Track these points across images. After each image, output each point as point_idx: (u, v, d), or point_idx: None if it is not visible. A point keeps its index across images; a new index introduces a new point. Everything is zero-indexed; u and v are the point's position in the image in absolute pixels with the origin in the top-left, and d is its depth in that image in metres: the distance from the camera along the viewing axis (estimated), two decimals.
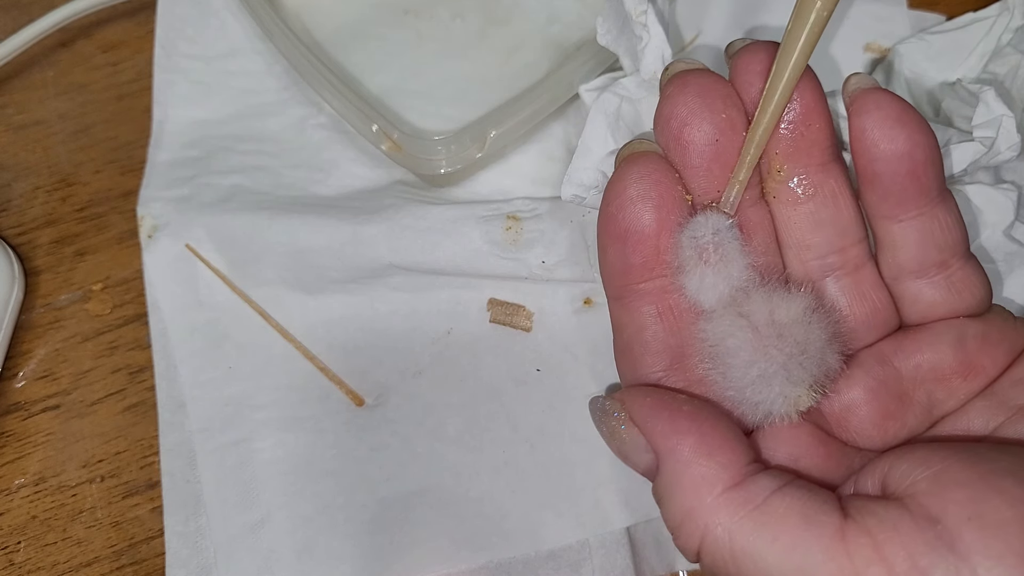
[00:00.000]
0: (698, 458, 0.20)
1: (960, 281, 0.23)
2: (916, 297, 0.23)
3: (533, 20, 0.37)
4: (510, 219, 0.31)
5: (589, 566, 0.28)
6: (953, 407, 0.23)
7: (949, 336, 0.23)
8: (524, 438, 0.29)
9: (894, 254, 0.23)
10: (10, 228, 0.34)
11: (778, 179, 0.23)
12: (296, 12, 0.37)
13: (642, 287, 0.22)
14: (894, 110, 0.22)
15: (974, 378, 0.22)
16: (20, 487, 0.30)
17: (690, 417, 0.21)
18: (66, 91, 0.37)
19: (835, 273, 0.23)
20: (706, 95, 0.22)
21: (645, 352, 0.22)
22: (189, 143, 0.35)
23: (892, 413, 0.23)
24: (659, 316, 0.22)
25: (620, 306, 0.23)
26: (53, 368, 0.32)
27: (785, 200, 0.23)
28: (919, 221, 0.22)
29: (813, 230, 0.23)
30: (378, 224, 0.32)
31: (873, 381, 0.23)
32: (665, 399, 0.21)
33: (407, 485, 0.29)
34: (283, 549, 0.28)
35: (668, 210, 0.22)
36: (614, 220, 0.22)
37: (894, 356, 0.23)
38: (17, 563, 0.29)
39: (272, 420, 0.30)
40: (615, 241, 0.22)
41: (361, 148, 0.35)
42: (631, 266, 0.22)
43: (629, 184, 0.22)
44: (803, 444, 0.22)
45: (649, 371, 0.22)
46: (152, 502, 0.30)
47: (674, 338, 0.22)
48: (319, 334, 0.31)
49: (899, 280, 0.23)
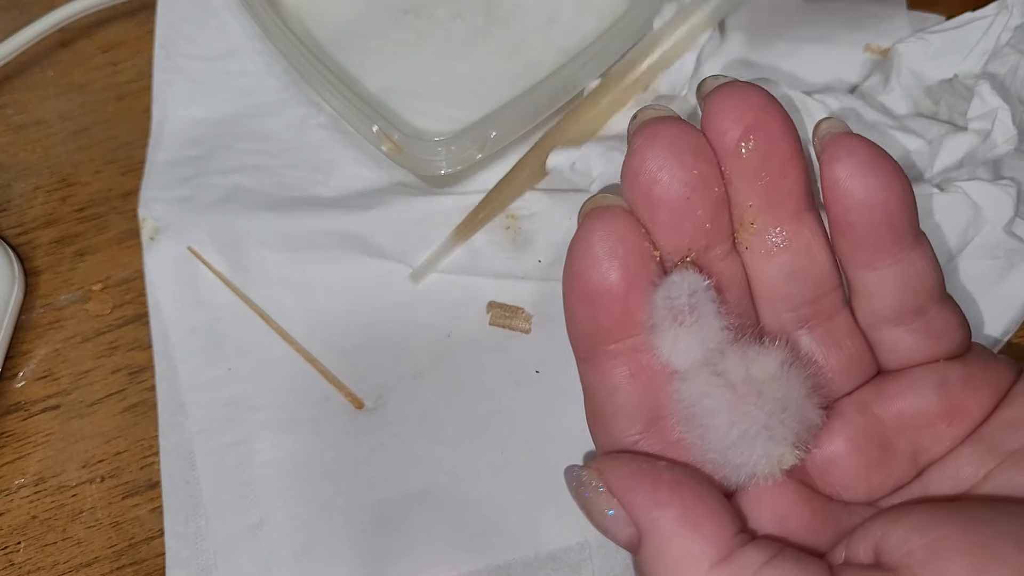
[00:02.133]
0: (682, 531, 0.19)
1: (939, 325, 0.22)
2: (894, 345, 0.22)
3: (533, 20, 0.37)
4: (509, 218, 0.31)
5: (589, 567, 0.28)
6: (940, 453, 0.22)
7: (930, 380, 0.22)
8: (523, 439, 0.30)
9: (870, 302, 0.22)
10: (10, 228, 0.34)
11: (751, 231, 0.22)
12: (296, 12, 0.37)
13: (612, 348, 0.21)
14: (867, 156, 0.21)
15: (959, 423, 0.22)
16: (20, 487, 0.30)
17: (671, 487, 0.20)
18: (66, 91, 0.37)
19: (809, 324, 0.22)
20: (676, 148, 0.21)
21: (619, 415, 0.21)
22: (189, 142, 0.35)
23: (876, 463, 0.22)
24: (632, 377, 0.21)
25: (590, 368, 0.22)
26: (53, 368, 0.32)
27: (758, 252, 0.22)
28: (895, 268, 0.22)
29: (786, 282, 0.22)
30: (379, 227, 0.32)
31: (854, 431, 0.22)
32: (644, 468, 0.20)
33: (406, 487, 0.29)
34: (282, 551, 0.28)
35: (636, 267, 0.21)
36: (579, 280, 0.21)
37: (874, 403, 0.22)
38: (17, 563, 0.29)
39: (272, 422, 0.30)
40: (583, 302, 0.21)
41: (361, 148, 0.35)
42: (600, 327, 0.21)
43: (594, 242, 0.21)
44: (788, 502, 0.21)
45: (624, 435, 0.21)
46: (152, 502, 0.30)
47: (648, 399, 0.21)
48: (319, 336, 0.31)
49: (876, 328, 0.23)
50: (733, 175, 0.21)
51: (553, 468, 0.29)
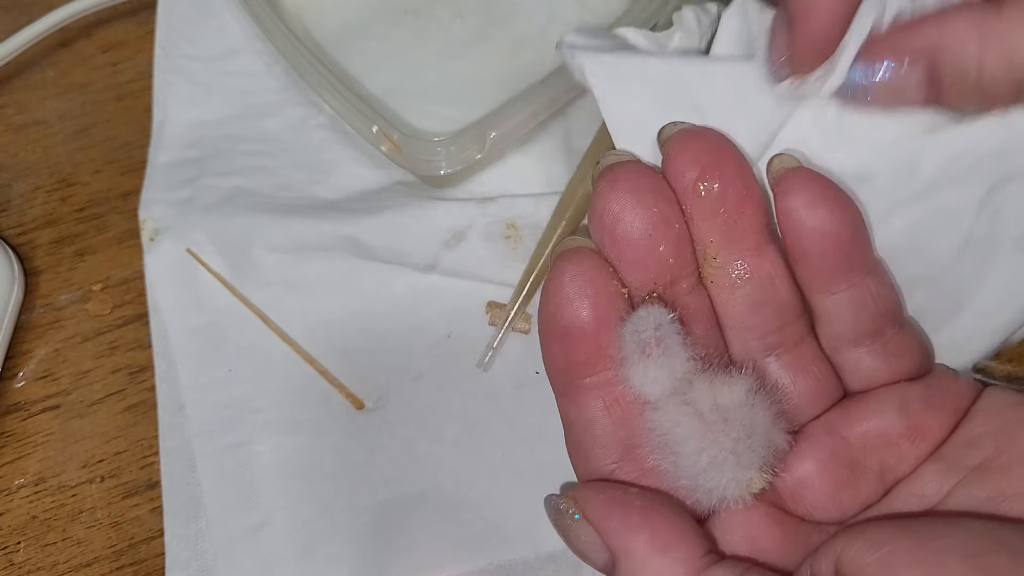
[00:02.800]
0: (653, 555, 0.20)
1: (896, 347, 0.23)
2: (855, 366, 0.24)
3: (533, 21, 0.37)
4: (509, 227, 0.31)
5: (589, 568, 0.28)
6: (905, 471, 0.23)
7: (892, 401, 0.23)
8: (523, 440, 0.30)
9: (830, 326, 0.23)
10: (10, 228, 0.34)
11: (714, 265, 0.23)
12: (296, 12, 0.37)
13: (587, 382, 0.22)
14: (818, 189, 0.22)
15: (921, 441, 0.23)
16: (20, 487, 0.30)
17: (642, 513, 0.21)
18: (66, 91, 0.37)
19: (776, 351, 0.23)
20: (637, 189, 0.22)
21: (595, 446, 0.22)
22: (189, 144, 0.35)
23: (845, 483, 0.22)
24: (606, 409, 0.22)
25: (567, 402, 0.23)
26: (53, 368, 0.32)
27: (722, 285, 0.23)
28: (850, 293, 0.23)
29: (751, 312, 0.23)
30: (379, 228, 0.32)
31: (823, 453, 0.23)
32: (616, 495, 0.21)
33: (407, 488, 0.29)
34: (283, 552, 0.28)
35: (605, 306, 0.22)
36: (553, 318, 0.22)
37: (841, 426, 0.23)
38: (17, 563, 0.29)
39: (272, 423, 0.30)
40: (556, 339, 0.22)
41: (361, 149, 0.35)
42: (574, 363, 0.22)
43: (565, 282, 0.22)
44: (759, 525, 0.22)
45: (601, 464, 0.22)
46: (152, 502, 0.30)
47: (623, 430, 0.22)
48: (319, 337, 0.31)
49: (838, 351, 0.24)
50: (694, 213, 0.23)
51: (553, 469, 0.29)
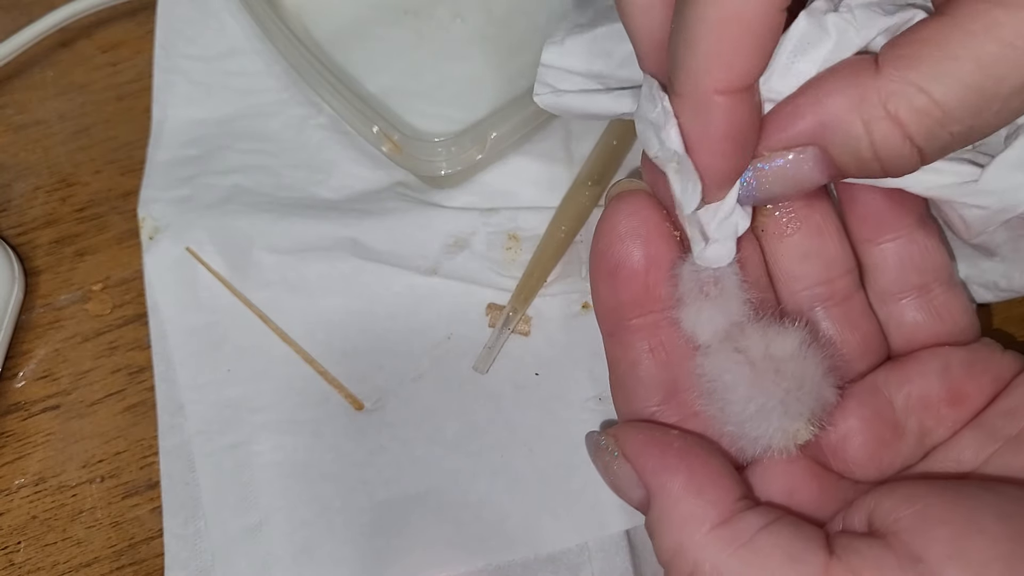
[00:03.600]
0: (687, 495, 0.20)
1: (942, 306, 0.24)
2: (900, 320, 0.24)
3: (533, 21, 0.37)
4: (511, 239, 0.31)
5: (588, 569, 0.28)
6: (943, 436, 0.23)
7: (935, 364, 0.23)
8: (523, 442, 0.30)
9: (876, 278, 0.24)
10: (10, 228, 0.34)
11: (765, 213, 0.23)
12: (296, 12, 0.37)
13: (633, 323, 0.22)
14: None
15: (961, 406, 0.23)
16: (20, 487, 0.30)
17: (680, 454, 0.21)
18: (66, 91, 0.37)
19: (824, 304, 0.24)
20: None
21: (639, 387, 0.23)
22: (188, 142, 0.35)
23: (887, 443, 0.23)
24: (651, 352, 0.22)
25: (613, 342, 0.23)
26: (53, 368, 0.32)
27: (772, 234, 0.23)
28: (897, 244, 0.23)
29: (800, 262, 0.23)
30: (380, 229, 0.32)
31: (867, 411, 0.23)
32: (656, 435, 0.22)
33: (405, 489, 0.29)
34: (281, 552, 0.28)
35: (657, 246, 0.22)
36: (604, 256, 0.22)
37: (885, 386, 0.23)
38: (17, 563, 0.29)
39: (271, 423, 0.30)
40: (605, 277, 0.22)
41: (361, 149, 0.35)
42: (622, 302, 0.22)
43: (618, 221, 0.22)
44: (798, 478, 0.23)
45: (643, 406, 0.23)
46: (152, 502, 0.30)
47: (667, 373, 0.22)
48: (319, 338, 0.31)
49: (884, 304, 0.24)
50: None
51: (552, 470, 0.29)
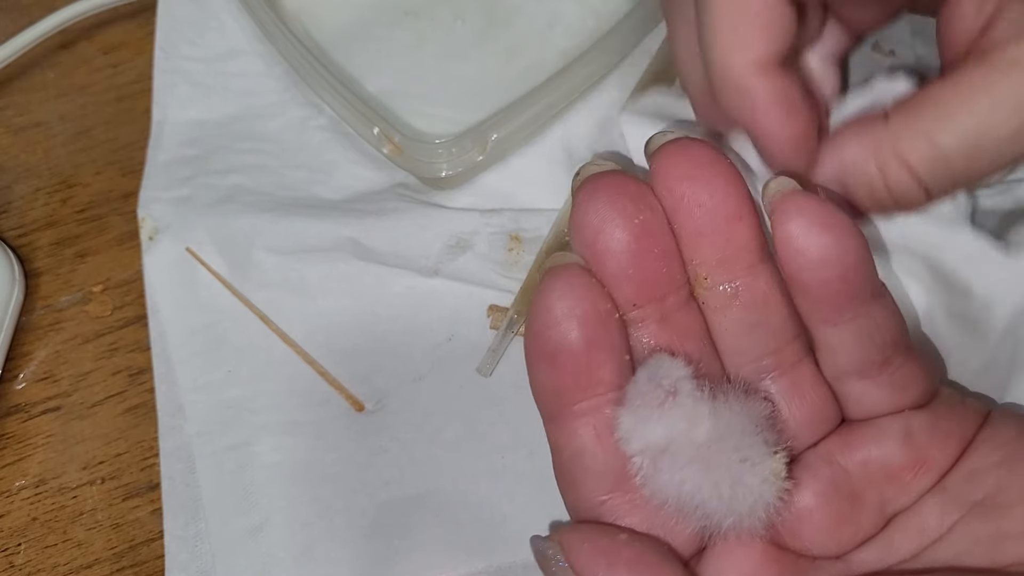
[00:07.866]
0: None
1: (903, 377, 0.22)
2: (860, 398, 0.22)
3: (534, 23, 0.37)
4: (513, 240, 0.31)
5: None
6: (906, 504, 0.22)
7: (895, 431, 0.22)
8: (523, 443, 0.29)
9: (833, 357, 0.22)
10: (11, 230, 0.34)
11: (705, 286, 0.22)
12: (296, 13, 0.37)
13: (576, 408, 0.21)
14: (820, 215, 0.20)
15: (925, 473, 0.22)
16: (20, 489, 0.30)
17: (629, 564, 0.20)
18: (67, 93, 0.37)
19: (771, 375, 0.22)
20: (616, 200, 0.21)
21: (586, 476, 0.21)
22: (188, 142, 0.35)
23: (845, 516, 0.21)
24: (598, 437, 0.21)
25: (555, 427, 0.21)
26: (53, 370, 0.32)
27: (714, 307, 0.22)
28: (855, 323, 0.21)
29: (745, 335, 0.22)
30: (381, 230, 0.32)
31: (822, 484, 0.22)
32: (603, 544, 0.20)
33: (406, 490, 0.29)
34: (282, 553, 0.28)
35: (595, 325, 0.21)
36: (540, 339, 0.21)
37: (840, 454, 0.22)
38: (17, 565, 0.29)
39: (271, 424, 0.30)
40: (543, 361, 0.21)
41: (362, 150, 0.35)
42: (563, 386, 0.21)
43: (553, 303, 0.21)
44: (756, 562, 0.21)
45: (591, 496, 0.21)
46: (152, 504, 0.30)
47: (615, 459, 0.21)
48: (319, 338, 0.31)
49: (841, 381, 0.22)
50: (683, 230, 0.21)
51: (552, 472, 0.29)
